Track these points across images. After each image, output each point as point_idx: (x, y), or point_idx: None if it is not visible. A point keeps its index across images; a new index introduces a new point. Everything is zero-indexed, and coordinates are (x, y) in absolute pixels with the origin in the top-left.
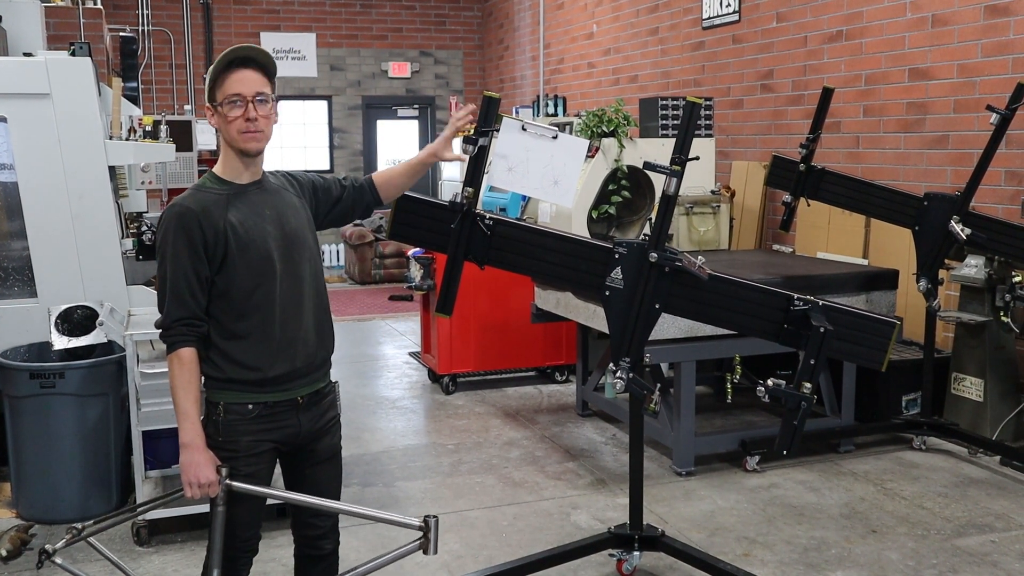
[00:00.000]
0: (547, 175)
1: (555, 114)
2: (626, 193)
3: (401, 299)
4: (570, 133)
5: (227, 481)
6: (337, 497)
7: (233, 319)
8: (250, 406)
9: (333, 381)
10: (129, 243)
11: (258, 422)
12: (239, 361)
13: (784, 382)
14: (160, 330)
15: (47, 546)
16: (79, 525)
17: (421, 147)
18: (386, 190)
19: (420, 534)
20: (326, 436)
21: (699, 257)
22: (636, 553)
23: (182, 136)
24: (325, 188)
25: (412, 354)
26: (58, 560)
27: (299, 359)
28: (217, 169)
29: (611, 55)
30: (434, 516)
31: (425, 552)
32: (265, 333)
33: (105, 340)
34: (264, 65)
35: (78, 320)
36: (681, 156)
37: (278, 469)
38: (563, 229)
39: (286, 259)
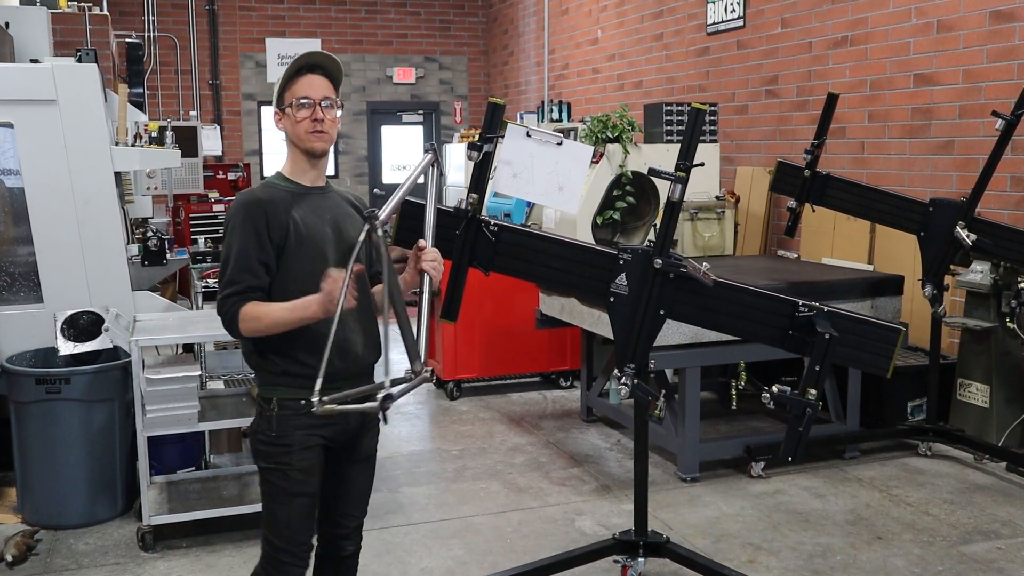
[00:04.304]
0: (552, 181)
1: (560, 120)
2: (631, 199)
3: (406, 304)
4: (574, 139)
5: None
6: (367, 498)
7: None
8: (302, 402)
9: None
10: (135, 248)
11: (310, 417)
12: (292, 355)
13: (789, 388)
14: (222, 295)
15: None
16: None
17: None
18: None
19: None
20: (367, 436)
21: (704, 263)
22: (641, 559)
23: (187, 142)
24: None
25: None
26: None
27: (349, 358)
28: (283, 169)
29: (616, 61)
30: None
31: None
32: (317, 330)
33: (111, 345)
34: (332, 73)
35: (84, 325)
36: (686, 162)
37: None
38: (567, 235)
39: (340, 262)
